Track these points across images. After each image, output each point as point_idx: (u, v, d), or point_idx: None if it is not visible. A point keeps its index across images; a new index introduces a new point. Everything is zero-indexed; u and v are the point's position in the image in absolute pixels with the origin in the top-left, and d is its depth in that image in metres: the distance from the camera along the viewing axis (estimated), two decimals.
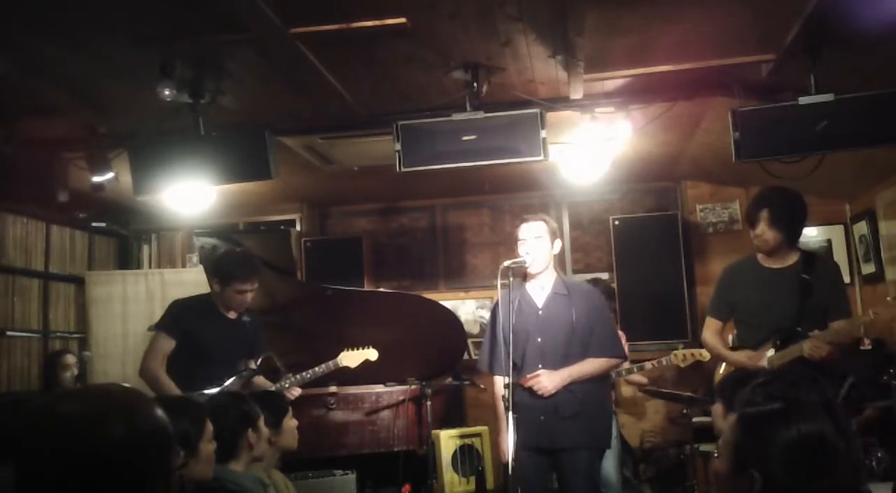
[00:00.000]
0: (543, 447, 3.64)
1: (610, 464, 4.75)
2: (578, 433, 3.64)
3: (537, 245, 3.74)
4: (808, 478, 1.55)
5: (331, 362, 4.49)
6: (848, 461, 1.59)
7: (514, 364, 3.74)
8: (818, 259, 3.86)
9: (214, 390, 3.86)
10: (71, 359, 5.53)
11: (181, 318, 4.12)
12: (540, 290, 3.81)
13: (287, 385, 4.21)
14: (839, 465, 1.57)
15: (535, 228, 3.77)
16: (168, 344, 4.04)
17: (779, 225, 3.67)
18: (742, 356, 3.70)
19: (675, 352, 5.06)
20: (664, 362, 5.08)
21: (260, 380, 4.15)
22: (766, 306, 3.76)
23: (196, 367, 4.02)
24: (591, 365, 3.71)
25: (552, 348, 3.70)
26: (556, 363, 3.68)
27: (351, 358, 4.53)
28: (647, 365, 5.12)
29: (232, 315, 4.18)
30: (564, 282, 3.85)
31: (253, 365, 4.13)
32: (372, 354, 4.59)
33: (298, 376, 4.34)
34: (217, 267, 4.22)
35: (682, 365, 5.06)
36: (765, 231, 3.68)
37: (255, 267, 4.25)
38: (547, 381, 3.64)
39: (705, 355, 4.89)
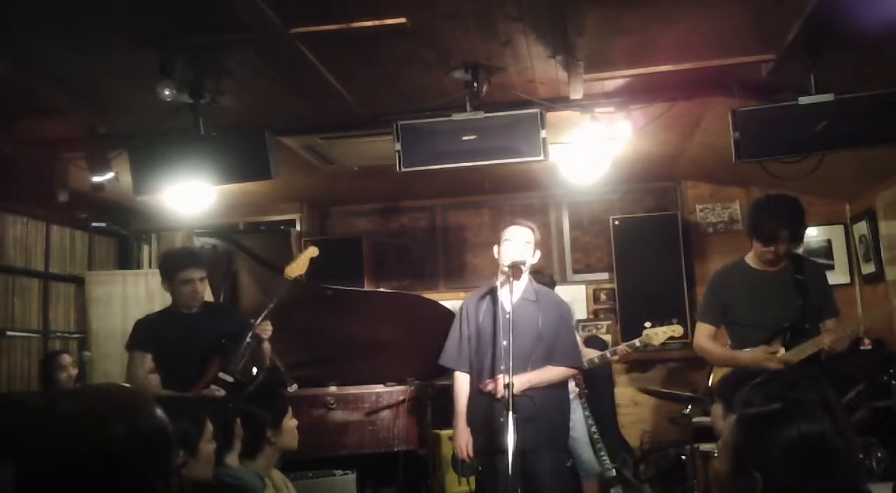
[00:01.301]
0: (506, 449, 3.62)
1: (584, 452, 4.91)
2: (538, 434, 3.65)
3: (526, 250, 3.77)
4: (809, 478, 1.55)
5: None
6: (848, 461, 1.59)
7: (475, 366, 3.85)
8: (806, 261, 3.94)
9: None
10: (67, 359, 5.45)
11: (148, 330, 4.06)
12: (510, 294, 3.81)
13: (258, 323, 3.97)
14: (839, 465, 1.57)
15: (526, 234, 3.81)
16: (145, 359, 3.99)
17: (795, 240, 3.72)
18: (751, 355, 3.68)
19: (647, 331, 4.96)
20: (637, 345, 5.03)
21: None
22: (762, 307, 3.77)
23: (172, 368, 3.98)
24: (550, 373, 3.76)
25: (516, 353, 3.64)
26: (518, 367, 3.62)
27: (296, 267, 4.20)
28: (620, 348, 5.10)
29: (194, 310, 4.11)
30: (534, 288, 3.88)
31: (227, 376, 3.88)
32: (312, 251, 4.25)
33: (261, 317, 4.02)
34: (161, 267, 4.18)
35: (656, 344, 5.00)
36: (783, 248, 3.70)
37: (196, 255, 4.24)
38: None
39: (678, 330, 4.93)
